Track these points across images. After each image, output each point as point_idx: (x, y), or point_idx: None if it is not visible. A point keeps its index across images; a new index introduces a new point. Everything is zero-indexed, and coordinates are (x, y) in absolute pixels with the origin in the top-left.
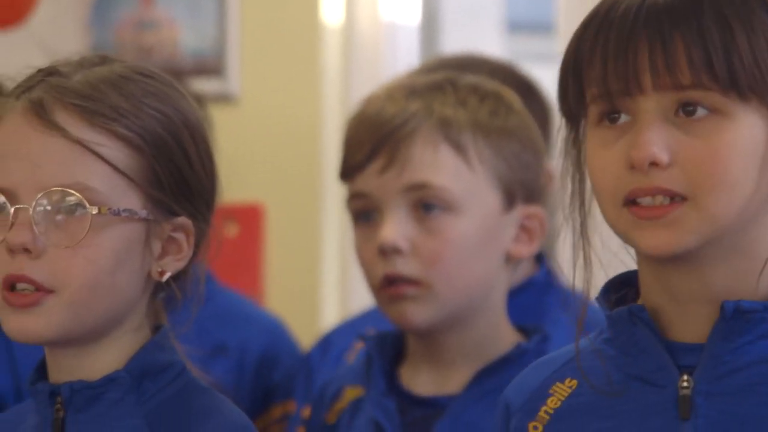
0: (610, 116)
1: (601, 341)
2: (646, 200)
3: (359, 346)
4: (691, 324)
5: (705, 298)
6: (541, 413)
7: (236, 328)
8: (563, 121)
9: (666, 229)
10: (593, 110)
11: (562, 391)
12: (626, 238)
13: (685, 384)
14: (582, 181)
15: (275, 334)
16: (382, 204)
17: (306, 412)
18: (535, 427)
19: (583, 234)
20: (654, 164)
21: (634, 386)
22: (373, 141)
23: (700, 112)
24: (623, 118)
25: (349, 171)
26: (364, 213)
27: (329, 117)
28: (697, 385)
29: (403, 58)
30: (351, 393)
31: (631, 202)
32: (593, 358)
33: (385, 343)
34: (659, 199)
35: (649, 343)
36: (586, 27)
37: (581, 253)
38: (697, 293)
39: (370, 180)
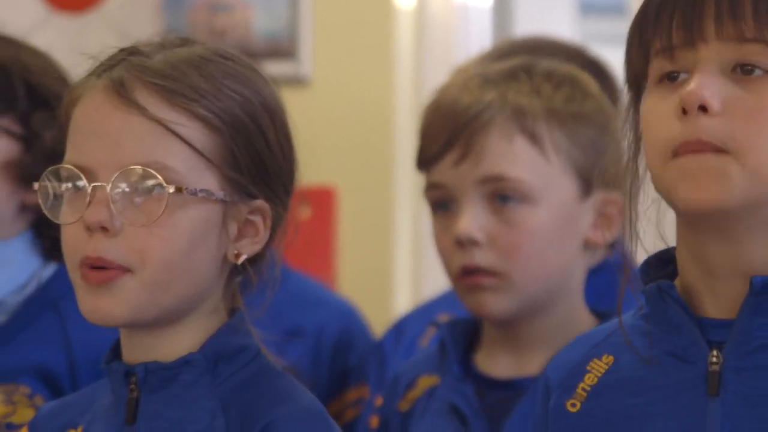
0: (671, 76)
1: (639, 317)
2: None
3: (432, 331)
4: (722, 300)
5: (738, 271)
6: (579, 390)
7: (311, 312)
8: (626, 86)
9: (711, 182)
10: (655, 68)
11: (599, 367)
12: (670, 195)
13: (714, 360)
14: (637, 150)
15: (350, 317)
16: (458, 195)
17: (378, 401)
18: (573, 405)
19: (632, 205)
20: (703, 109)
21: (668, 362)
22: (448, 132)
23: (757, 72)
24: (682, 77)
25: (425, 161)
26: (441, 203)
27: (401, 99)
28: (726, 361)
29: (476, 40)
30: (425, 381)
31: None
32: (632, 332)
33: (459, 330)
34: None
35: (680, 319)
36: None
37: (629, 225)
38: (731, 266)
39: (446, 171)
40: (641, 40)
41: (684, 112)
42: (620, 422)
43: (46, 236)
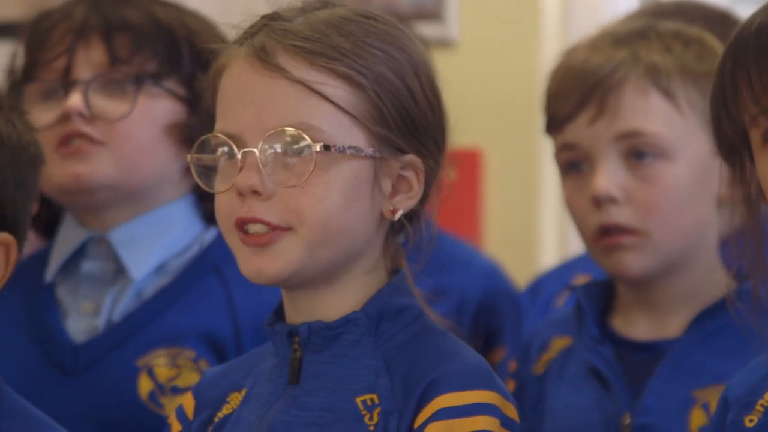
0: None
1: None
2: None
3: (568, 292)
4: None
5: None
6: (758, 406)
7: (456, 273)
8: (722, 163)
9: None
10: (755, 135)
11: None
12: None
13: None
14: (756, 220)
15: (494, 278)
16: (593, 154)
17: (512, 365)
18: (751, 420)
19: None
20: None
21: None
22: (581, 91)
23: None
24: None
25: (557, 123)
26: (573, 164)
27: (548, 60)
28: None
29: (623, 1)
30: (559, 343)
31: None
32: None
33: (595, 292)
34: None
35: None
36: (723, 58)
37: None
38: None
39: (579, 131)
40: (728, 112)
41: None
42: None
43: (208, 199)
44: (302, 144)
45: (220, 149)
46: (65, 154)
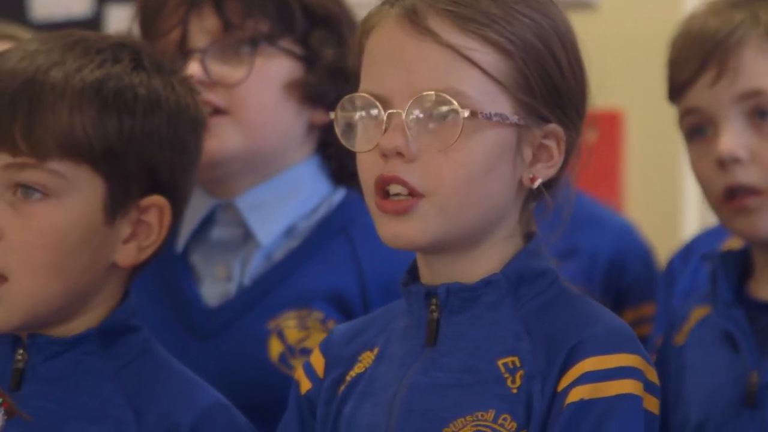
0: None
1: None
2: None
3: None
4: None
5: None
6: None
7: (587, 232)
8: None
9: None
10: None
11: None
12: None
13: None
14: None
15: (626, 238)
16: (715, 116)
17: (659, 341)
18: None
19: None
20: None
21: None
22: (701, 55)
23: None
24: None
25: (678, 88)
26: (697, 128)
27: None
28: None
29: None
30: (698, 313)
31: None
32: None
33: (730, 259)
34: None
35: None
36: None
37: None
38: None
39: (701, 94)
40: None
41: None
42: None
43: (332, 159)
44: (449, 109)
45: (362, 111)
46: None
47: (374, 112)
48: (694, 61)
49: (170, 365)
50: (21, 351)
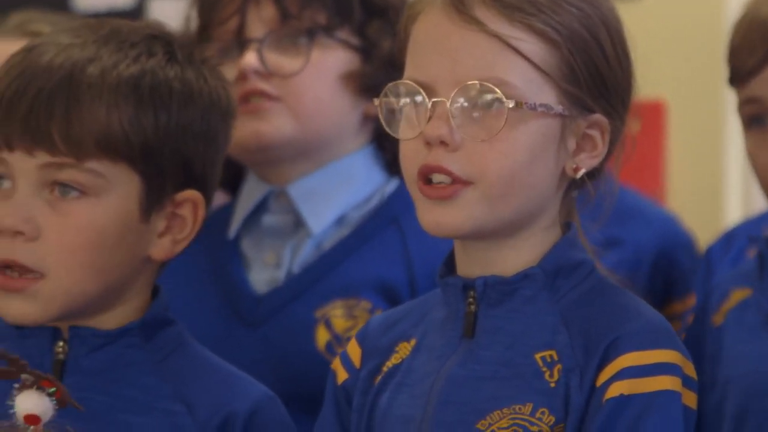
0: None
1: None
2: None
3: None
4: None
5: None
6: None
7: (631, 224)
8: None
9: None
10: None
11: None
12: None
13: None
14: None
15: (672, 230)
16: None
17: (690, 318)
18: None
19: None
20: None
21: None
22: (767, 44)
23: None
24: None
25: (741, 76)
26: (757, 118)
27: (733, 10)
28: None
29: None
30: (738, 294)
31: None
32: None
33: None
34: None
35: None
36: None
37: None
38: None
39: (765, 84)
40: None
41: None
42: None
43: (387, 150)
44: (494, 98)
45: (407, 98)
46: (244, 112)
47: (418, 99)
48: (759, 50)
49: (208, 357)
50: (62, 343)
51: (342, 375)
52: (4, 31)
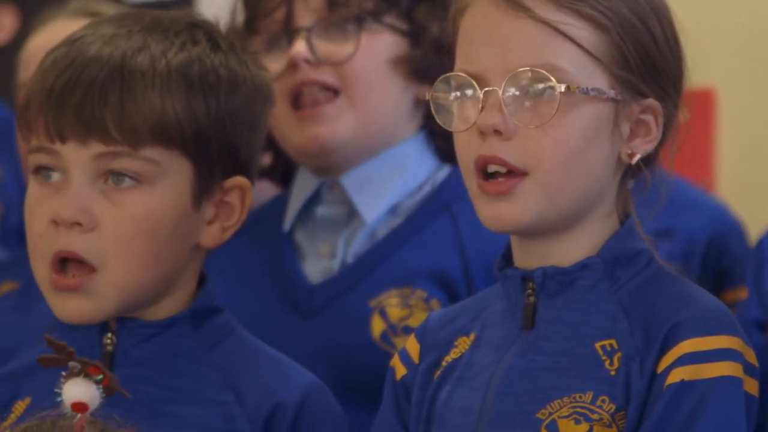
0: None
1: None
2: None
3: None
4: None
5: None
6: None
7: (683, 214)
8: None
9: None
10: None
11: None
12: None
13: None
14: None
15: (723, 220)
16: None
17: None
18: None
19: None
20: None
21: None
22: None
23: None
24: None
25: None
26: None
27: None
28: None
29: None
30: None
31: None
32: None
33: None
34: None
35: None
36: None
37: None
38: None
39: None
40: None
41: None
42: None
43: (438, 136)
44: (545, 85)
45: (458, 91)
46: (303, 118)
47: (470, 91)
48: None
49: (258, 346)
50: (110, 335)
51: (401, 371)
52: (67, 11)
